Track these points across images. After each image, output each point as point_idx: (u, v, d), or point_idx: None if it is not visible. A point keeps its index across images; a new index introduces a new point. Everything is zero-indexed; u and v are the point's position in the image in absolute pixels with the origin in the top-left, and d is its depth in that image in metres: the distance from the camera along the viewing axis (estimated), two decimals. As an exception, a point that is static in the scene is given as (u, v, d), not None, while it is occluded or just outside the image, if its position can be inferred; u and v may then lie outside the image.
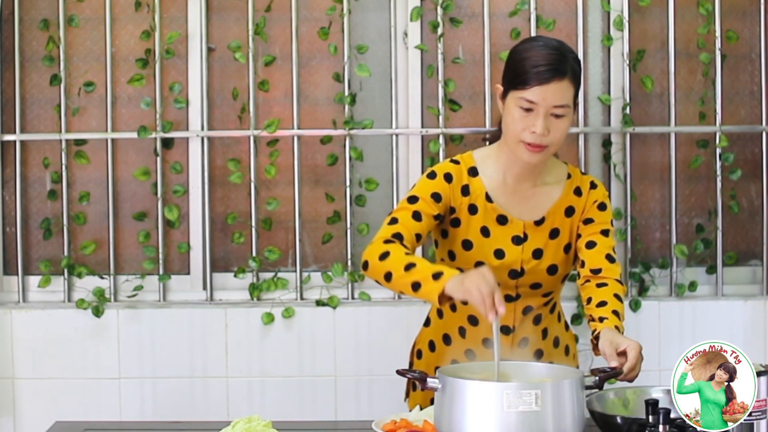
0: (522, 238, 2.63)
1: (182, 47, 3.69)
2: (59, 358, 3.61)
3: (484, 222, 2.63)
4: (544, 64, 2.52)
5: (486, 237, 2.62)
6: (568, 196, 2.68)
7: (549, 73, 2.51)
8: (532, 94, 2.52)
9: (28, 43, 3.71)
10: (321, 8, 3.67)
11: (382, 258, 2.50)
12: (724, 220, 3.68)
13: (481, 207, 2.63)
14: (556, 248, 2.65)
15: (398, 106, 3.66)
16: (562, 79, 2.53)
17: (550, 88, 2.51)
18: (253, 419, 2.35)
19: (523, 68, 2.54)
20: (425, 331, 2.83)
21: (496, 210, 2.63)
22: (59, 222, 3.70)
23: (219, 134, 3.69)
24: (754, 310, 3.64)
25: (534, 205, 2.66)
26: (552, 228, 2.66)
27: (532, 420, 2.13)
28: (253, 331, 3.61)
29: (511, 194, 2.65)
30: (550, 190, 2.67)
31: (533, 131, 2.52)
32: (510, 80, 2.58)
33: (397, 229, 2.56)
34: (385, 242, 2.53)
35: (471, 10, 3.70)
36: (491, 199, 2.63)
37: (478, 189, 2.64)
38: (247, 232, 3.68)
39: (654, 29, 3.71)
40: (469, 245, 2.63)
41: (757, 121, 3.71)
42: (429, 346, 2.79)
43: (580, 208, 2.68)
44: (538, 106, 2.52)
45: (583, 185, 2.71)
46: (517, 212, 2.64)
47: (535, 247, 2.64)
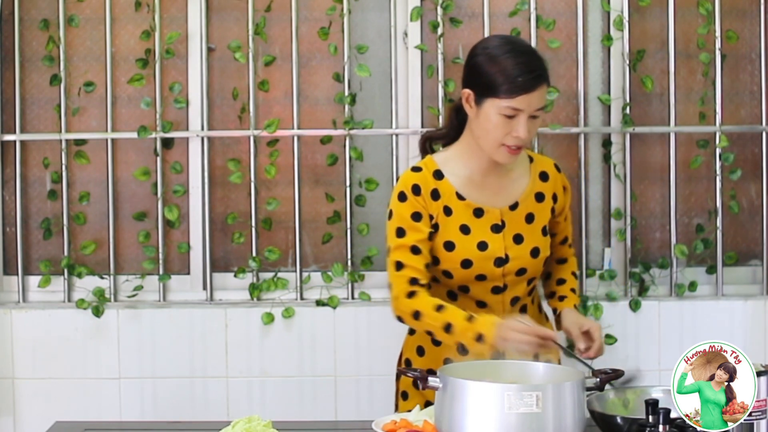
0: (500, 225, 2.68)
1: (182, 47, 3.69)
2: (59, 358, 3.61)
3: (462, 220, 2.67)
4: (526, 72, 2.55)
5: (466, 234, 2.66)
6: (535, 182, 2.74)
7: (532, 82, 2.56)
8: (518, 102, 2.55)
9: (28, 43, 3.71)
10: (321, 8, 3.67)
11: (415, 318, 2.60)
12: (724, 220, 3.68)
13: (454, 206, 2.67)
14: (533, 232, 2.71)
15: (398, 106, 3.66)
16: (543, 84, 2.59)
17: (534, 95, 2.56)
18: (253, 419, 2.35)
19: (503, 78, 2.55)
20: (410, 339, 2.83)
21: (470, 205, 2.68)
22: (59, 222, 3.70)
23: (219, 134, 3.69)
24: (754, 310, 3.64)
25: (505, 194, 2.71)
26: (527, 213, 2.71)
27: (532, 421, 2.13)
28: (253, 331, 3.61)
29: (480, 188, 2.69)
30: (516, 177, 2.73)
31: (516, 135, 2.57)
32: (486, 87, 2.58)
33: (408, 274, 2.63)
34: (408, 296, 2.61)
35: (471, 10, 3.70)
36: (462, 197, 2.67)
37: (448, 190, 2.67)
38: (247, 232, 3.68)
39: (654, 29, 3.71)
40: (451, 246, 2.66)
41: (757, 121, 3.71)
42: (417, 351, 2.79)
43: (549, 193, 2.76)
44: (522, 113, 2.56)
45: (548, 169, 2.78)
46: (491, 202, 2.69)
47: (514, 232, 2.69)
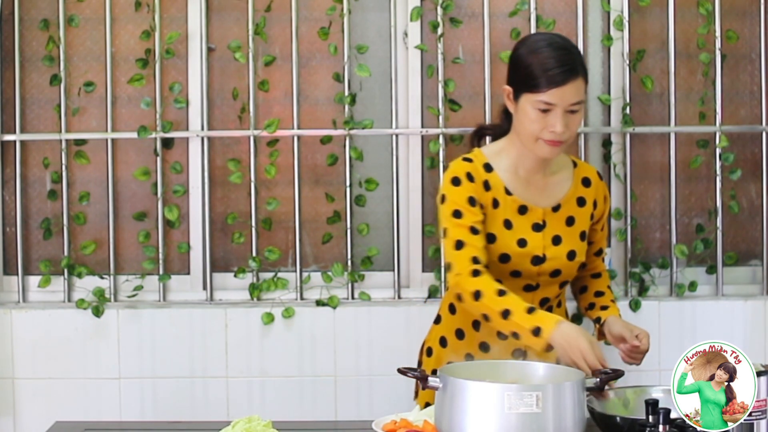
0: (541, 225, 2.71)
1: (182, 47, 3.68)
2: (59, 358, 3.61)
3: (506, 215, 2.70)
4: (558, 66, 2.58)
5: (509, 229, 2.69)
6: (578, 187, 2.78)
7: (564, 75, 2.58)
8: (550, 96, 2.58)
9: (28, 43, 3.71)
10: (321, 8, 3.67)
11: (476, 297, 2.57)
12: (724, 220, 3.68)
13: (501, 200, 2.70)
14: (572, 235, 2.74)
15: (398, 106, 3.66)
16: (577, 78, 2.61)
17: (566, 89, 2.58)
18: (253, 419, 2.35)
19: (536, 72, 2.59)
20: (435, 329, 2.86)
21: (516, 201, 2.71)
22: (59, 222, 3.70)
23: (219, 134, 3.69)
24: (754, 310, 3.64)
25: (549, 194, 2.75)
26: (567, 216, 2.75)
27: (532, 421, 2.13)
28: (253, 331, 3.61)
29: (526, 185, 2.73)
30: (560, 179, 2.77)
31: (553, 130, 2.60)
32: (521, 83, 2.63)
33: (470, 253, 2.62)
34: (472, 274, 2.58)
35: (471, 10, 3.70)
36: (510, 192, 2.71)
37: (497, 183, 2.71)
38: (247, 232, 3.68)
39: (654, 29, 3.71)
40: (493, 238, 2.68)
41: (757, 121, 3.71)
42: (440, 342, 2.82)
43: (590, 199, 2.79)
44: (556, 107, 2.59)
45: (590, 175, 2.82)
46: (535, 201, 2.73)
47: (554, 233, 2.72)
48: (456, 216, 2.65)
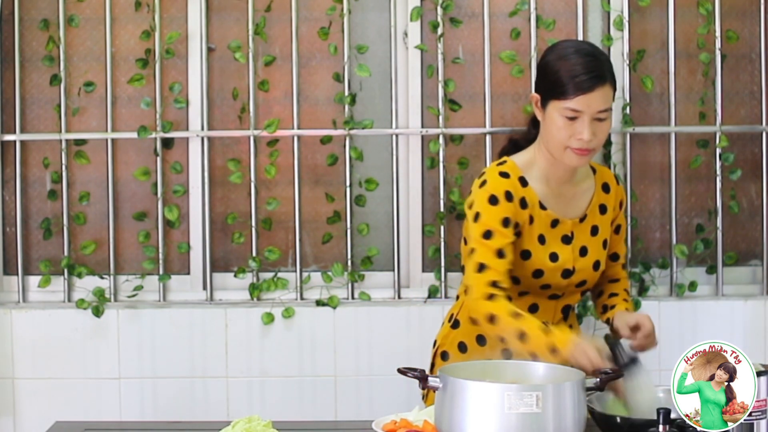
0: (570, 237, 2.69)
1: (182, 47, 3.68)
2: (59, 358, 3.61)
3: (540, 230, 2.66)
4: (584, 72, 2.55)
5: (542, 244, 2.66)
6: (599, 193, 2.76)
7: (591, 82, 2.55)
8: (576, 103, 2.55)
9: (28, 43, 3.71)
10: (321, 8, 3.67)
11: (491, 321, 2.53)
12: (724, 220, 3.68)
13: (536, 216, 2.66)
14: (597, 245, 2.73)
15: (398, 106, 3.66)
16: (604, 85, 2.58)
17: (593, 96, 2.55)
18: (253, 419, 2.35)
19: (563, 79, 2.57)
20: (453, 333, 2.81)
21: (550, 215, 2.67)
22: (59, 222, 3.70)
23: (219, 134, 3.69)
24: (754, 310, 3.64)
25: (575, 205, 2.72)
26: (592, 225, 2.73)
27: (532, 421, 2.13)
28: (253, 331, 3.61)
29: (556, 197, 2.70)
30: (585, 188, 2.75)
31: (580, 138, 2.56)
32: (549, 90, 2.61)
33: (490, 277, 2.56)
34: (487, 298, 2.55)
35: (471, 10, 3.70)
36: (544, 206, 2.67)
37: (533, 198, 2.66)
38: (247, 232, 3.68)
39: (654, 29, 3.71)
40: (528, 254, 2.65)
41: (757, 121, 3.71)
42: (459, 347, 2.78)
43: (611, 205, 2.78)
44: (583, 114, 2.56)
45: (609, 180, 2.80)
46: (563, 213, 2.70)
47: (581, 245, 2.70)
48: (486, 237, 2.59)
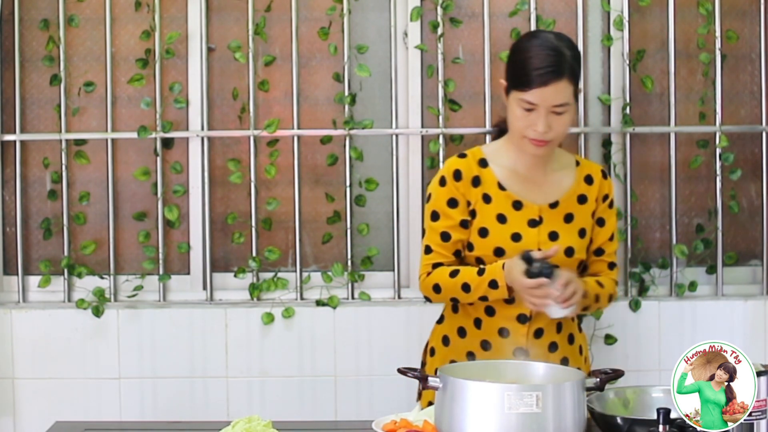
0: (537, 221, 2.71)
1: (182, 47, 3.68)
2: (59, 358, 3.61)
3: (500, 209, 2.70)
4: (542, 66, 2.60)
5: (502, 223, 2.70)
6: (579, 184, 2.77)
7: (547, 76, 2.59)
8: (532, 96, 2.60)
9: (28, 43, 3.71)
10: (321, 8, 3.67)
11: (437, 291, 2.71)
12: (724, 220, 3.68)
13: (494, 195, 2.71)
14: (570, 231, 2.73)
15: (398, 106, 3.66)
16: (560, 80, 2.60)
17: (548, 90, 2.59)
18: (253, 419, 2.35)
19: (523, 70, 2.62)
20: (438, 328, 2.86)
21: (510, 196, 2.71)
22: (59, 222, 3.70)
23: (219, 134, 3.69)
24: (754, 310, 3.63)
25: (547, 191, 2.74)
26: (566, 213, 2.74)
27: (532, 421, 2.13)
28: (253, 331, 3.61)
29: (523, 182, 2.73)
30: (561, 176, 2.77)
31: (535, 129, 2.61)
32: (510, 79, 2.67)
33: (433, 259, 2.73)
34: (427, 276, 2.72)
35: (471, 10, 3.70)
36: (504, 187, 2.72)
37: (490, 179, 2.72)
38: (247, 232, 3.68)
39: (654, 29, 3.71)
40: (486, 232, 2.69)
41: (757, 121, 3.71)
42: (443, 341, 2.81)
43: (592, 196, 2.78)
44: (539, 107, 2.60)
45: (593, 173, 2.80)
46: (531, 197, 2.73)
47: (550, 229, 2.71)
48: (433, 219, 2.73)
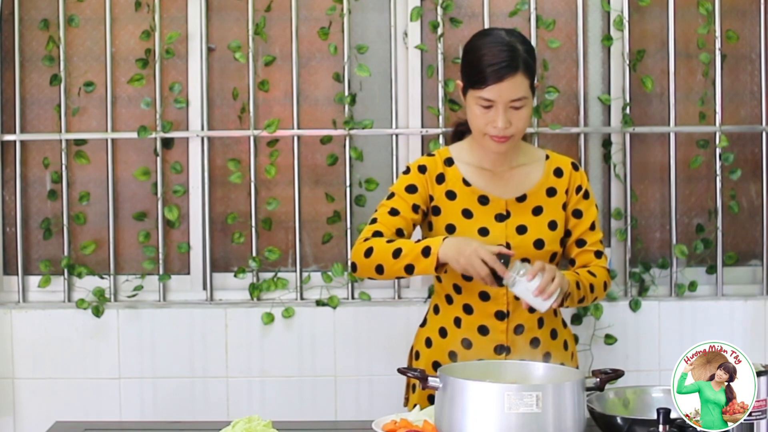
0: (505, 215, 2.71)
1: (182, 47, 3.68)
2: (59, 358, 3.61)
3: (465, 205, 2.71)
4: (496, 62, 2.60)
5: (468, 218, 2.70)
6: (548, 177, 2.76)
7: (501, 72, 2.60)
8: (489, 92, 2.61)
9: (28, 43, 3.71)
10: (321, 8, 3.67)
11: (367, 255, 2.63)
12: (724, 220, 3.68)
13: (459, 191, 2.72)
14: (539, 224, 2.72)
15: (398, 106, 3.66)
16: (515, 74, 2.61)
17: (504, 85, 2.60)
18: (253, 419, 2.35)
19: (478, 67, 2.62)
20: (421, 331, 2.87)
21: (476, 192, 2.72)
22: (59, 222, 3.70)
23: (219, 134, 3.69)
24: (754, 310, 3.64)
25: (514, 185, 2.75)
26: (534, 206, 2.73)
27: (532, 421, 2.13)
28: (253, 331, 3.61)
29: (489, 177, 2.74)
30: (528, 170, 2.76)
31: (495, 126, 2.62)
32: (467, 79, 2.67)
33: (376, 227, 2.69)
34: (365, 241, 2.66)
35: (471, 10, 3.70)
36: (469, 183, 2.73)
37: (455, 176, 2.74)
38: (247, 232, 3.68)
39: (654, 29, 3.71)
40: (452, 228, 2.70)
41: (757, 121, 3.71)
42: (425, 343, 2.81)
43: (562, 188, 2.76)
44: (497, 103, 2.61)
45: (563, 166, 2.79)
46: (498, 192, 2.73)
47: (518, 223, 2.71)
48: (388, 198, 2.74)
